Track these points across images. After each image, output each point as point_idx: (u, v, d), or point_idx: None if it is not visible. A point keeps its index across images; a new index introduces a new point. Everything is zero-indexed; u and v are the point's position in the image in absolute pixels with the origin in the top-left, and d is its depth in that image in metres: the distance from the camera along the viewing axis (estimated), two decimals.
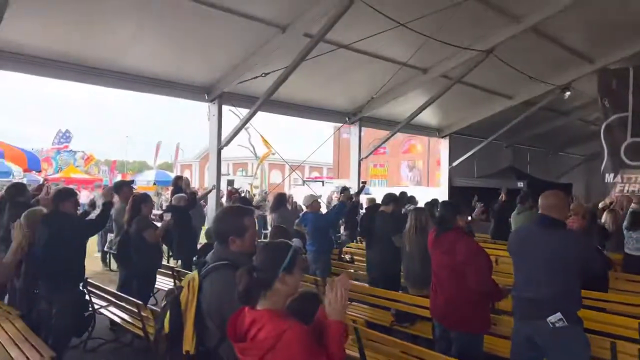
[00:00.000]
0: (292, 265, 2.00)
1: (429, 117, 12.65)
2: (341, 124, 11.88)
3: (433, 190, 17.93)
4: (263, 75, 7.90)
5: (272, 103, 9.03)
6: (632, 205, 7.79)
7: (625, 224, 7.08)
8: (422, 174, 31.69)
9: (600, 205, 9.57)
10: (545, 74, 10.54)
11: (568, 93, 11.23)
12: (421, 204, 9.11)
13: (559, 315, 3.10)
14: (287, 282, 1.98)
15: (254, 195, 16.67)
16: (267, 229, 13.04)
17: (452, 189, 13.32)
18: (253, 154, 21.07)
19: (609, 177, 10.23)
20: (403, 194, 10.55)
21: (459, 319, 3.63)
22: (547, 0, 7.86)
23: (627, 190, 9.79)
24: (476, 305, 3.61)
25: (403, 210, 7.89)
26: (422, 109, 10.82)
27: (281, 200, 7.70)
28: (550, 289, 3.13)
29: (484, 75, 10.21)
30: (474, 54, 8.89)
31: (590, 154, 16.11)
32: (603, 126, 10.34)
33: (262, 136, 12.01)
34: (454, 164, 13.48)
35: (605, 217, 8.34)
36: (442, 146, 13.91)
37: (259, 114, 8.77)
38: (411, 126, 12.52)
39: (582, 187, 16.68)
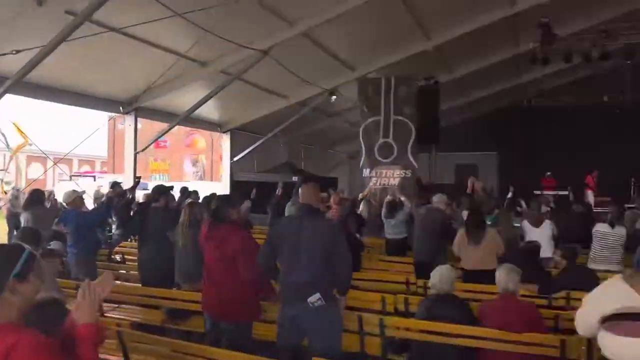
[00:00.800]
0: (26, 271, 1.74)
1: (210, 111, 12.61)
2: (115, 114, 10.98)
3: (216, 185, 17.99)
4: (14, 52, 6.76)
5: (27, 86, 7.82)
6: (387, 197, 9.00)
7: (383, 212, 8.15)
8: (206, 169, 31.54)
9: (360, 196, 10.88)
10: (316, 78, 11.53)
11: (334, 97, 12.49)
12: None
13: (317, 295, 3.41)
14: (19, 290, 1.71)
15: (5, 192, 14.22)
16: None
17: (233, 183, 13.57)
18: (4, 144, 17.93)
19: (366, 172, 11.82)
20: (184, 189, 10.32)
21: (229, 310, 3.71)
22: (317, 10, 8.60)
23: (380, 184, 11.43)
24: (246, 296, 3.74)
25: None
26: (201, 102, 10.72)
27: (36, 197, 6.72)
28: (310, 272, 3.42)
29: (262, 74, 10.61)
30: (252, 53, 9.18)
31: (353, 152, 18.23)
32: (361, 128, 11.87)
33: (14, 123, 10.30)
34: (235, 159, 13.74)
35: (362, 207, 9.53)
36: (224, 141, 14.04)
37: (12, 97, 7.51)
38: (192, 120, 12.31)
39: (346, 180, 18.75)
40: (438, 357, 3.74)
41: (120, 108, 10.32)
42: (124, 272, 6.39)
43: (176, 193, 9.41)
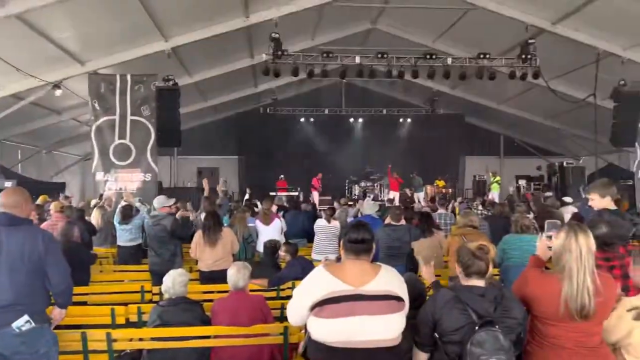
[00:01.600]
0: None
1: None
2: None
3: None
4: None
5: None
6: (123, 201, 8.35)
7: (117, 218, 7.53)
8: None
9: (93, 202, 9.94)
10: (35, 68, 10.06)
11: (59, 91, 11.09)
12: None
13: (25, 317, 2.97)
14: None
15: None
16: None
17: None
18: None
19: (99, 176, 10.88)
20: None
21: None
22: None
23: (117, 188, 10.66)
24: None
25: None
26: None
27: None
28: (14, 292, 2.94)
29: None
30: None
31: (85, 154, 16.54)
32: (94, 127, 10.88)
33: None
34: None
35: (94, 214, 8.70)
36: None
37: None
38: None
39: (77, 185, 16.96)
40: None
41: None
42: None
43: None
